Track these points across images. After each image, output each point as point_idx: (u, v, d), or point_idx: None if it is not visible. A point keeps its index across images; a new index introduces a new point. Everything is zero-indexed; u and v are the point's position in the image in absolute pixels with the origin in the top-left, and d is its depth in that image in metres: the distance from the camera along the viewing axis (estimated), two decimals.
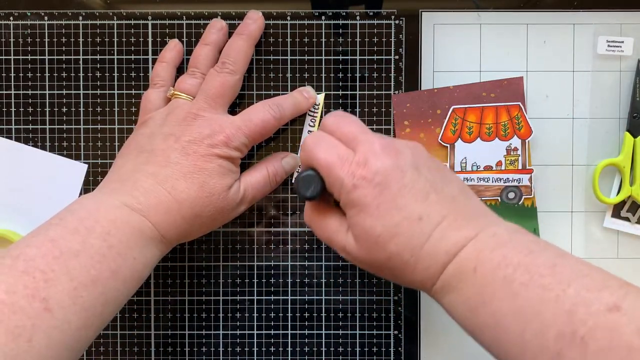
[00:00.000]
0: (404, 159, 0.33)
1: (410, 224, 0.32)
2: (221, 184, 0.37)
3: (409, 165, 0.33)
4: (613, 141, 0.43)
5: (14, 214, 0.43)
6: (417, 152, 0.34)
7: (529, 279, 0.29)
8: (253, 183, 0.40)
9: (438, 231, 0.32)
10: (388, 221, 0.32)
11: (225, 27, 0.42)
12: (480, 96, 0.43)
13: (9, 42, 0.43)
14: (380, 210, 0.32)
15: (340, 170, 0.33)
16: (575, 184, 0.44)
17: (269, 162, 0.41)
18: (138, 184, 0.35)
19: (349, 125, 0.35)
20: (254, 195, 0.40)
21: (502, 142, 0.43)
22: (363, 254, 0.33)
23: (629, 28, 0.43)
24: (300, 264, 0.44)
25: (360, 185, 0.32)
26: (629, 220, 0.43)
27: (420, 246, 0.32)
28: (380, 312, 0.44)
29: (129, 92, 0.43)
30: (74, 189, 0.43)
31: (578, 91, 0.43)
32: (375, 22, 0.43)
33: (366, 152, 0.33)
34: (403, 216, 0.32)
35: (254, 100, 0.43)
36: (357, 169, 0.32)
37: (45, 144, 0.43)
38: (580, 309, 0.27)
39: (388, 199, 0.32)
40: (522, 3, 0.43)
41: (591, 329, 0.26)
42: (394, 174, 0.32)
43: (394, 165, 0.32)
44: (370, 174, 0.32)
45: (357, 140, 0.33)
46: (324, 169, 0.34)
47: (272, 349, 0.44)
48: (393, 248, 0.32)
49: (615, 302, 0.26)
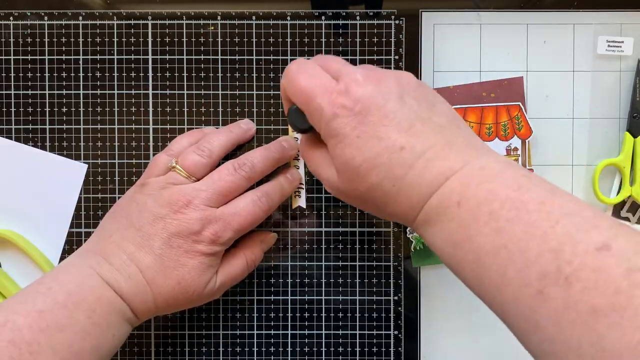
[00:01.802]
0: (387, 86, 0.31)
1: (391, 154, 0.30)
2: (199, 281, 0.37)
3: (392, 93, 0.31)
4: (613, 141, 0.43)
5: (14, 214, 0.43)
6: (403, 80, 0.32)
7: (515, 215, 0.27)
8: (231, 274, 0.39)
9: (422, 161, 0.30)
10: (368, 151, 0.31)
11: (254, 131, 0.42)
12: (480, 96, 0.43)
13: (9, 42, 0.43)
14: (361, 140, 0.31)
15: (320, 99, 0.32)
16: (575, 184, 0.44)
17: (247, 248, 0.41)
18: (123, 267, 0.35)
19: (334, 60, 0.34)
20: (229, 284, 0.40)
21: (502, 142, 0.43)
22: (345, 185, 0.33)
23: (629, 28, 0.43)
24: (300, 264, 0.44)
25: (340, 114, 0.31)
26: (629, 220, 0.43)
27: (402, 176, 0.30)
28: (380, 312, 0.44)
29: (129, 92, 0.43)
30: (74, 189, 0.43)
31: (578, 91, 0.43)
32: (375, 22, 0.43)
33: (348, 81, 0.32)
34: (384, 146, 0.30)
35: (253, 100, 0.43)
36: (337, 97, 0.31)
37: (45, 144, 0.43)
38: (566, 247, 0.25)
39: (368, 129, 0.31)
40: (522, 3, 0.43)
41: (576, 269, 0.25)
42: (375, 102, 0.31)
43: (375, 92, 0.31)
44: (350, 102, 0.31)
45: (340, 72, 0.33)
46: (304, 97, 0.33)
47: (272, 349, 0.44)
48: (374, 178, 0.31)
49: (605, 241, 0.25)
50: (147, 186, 0.38)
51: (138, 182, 0.39)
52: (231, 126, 0.42)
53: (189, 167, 0.38)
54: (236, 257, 0.40)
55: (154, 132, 0.43)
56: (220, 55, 0.43)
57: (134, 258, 0.36)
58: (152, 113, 0.43)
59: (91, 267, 0.35)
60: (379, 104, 0.31)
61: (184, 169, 0.38)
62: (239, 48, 0.43)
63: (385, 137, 0.30)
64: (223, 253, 0.38)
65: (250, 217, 0.38)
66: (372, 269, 0.44)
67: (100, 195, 0.43)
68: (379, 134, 0.31)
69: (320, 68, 0.34)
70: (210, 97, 0.43)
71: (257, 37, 0.43)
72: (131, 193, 0.39)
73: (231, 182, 0.37)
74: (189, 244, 0.36)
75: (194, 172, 0.38)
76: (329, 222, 0.44)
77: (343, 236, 0.44)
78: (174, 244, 0.36)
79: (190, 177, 0.38)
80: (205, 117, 0.43)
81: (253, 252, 0.41)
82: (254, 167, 0.38)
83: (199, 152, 0.38)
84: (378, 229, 0.44)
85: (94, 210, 0.43)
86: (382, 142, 0.31)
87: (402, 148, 0.30)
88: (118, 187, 0.43)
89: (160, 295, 0.36)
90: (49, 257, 0.43)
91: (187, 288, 0.36)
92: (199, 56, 0.43)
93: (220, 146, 0.39)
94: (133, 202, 0.38)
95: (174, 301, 0.37)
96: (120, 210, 0.38)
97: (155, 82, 0.43)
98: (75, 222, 0.43)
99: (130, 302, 0.35)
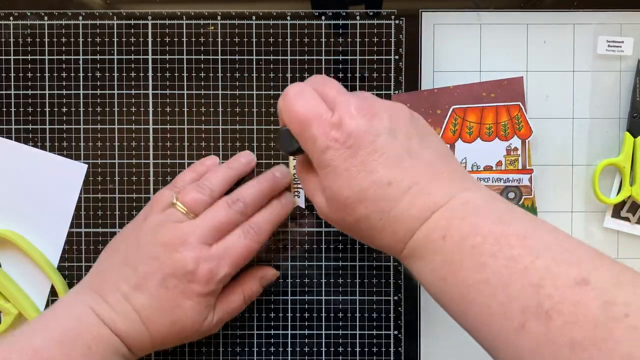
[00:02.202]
0: (379, 121, 0.32)
1: (378, 188, 0.31)
2: (195, 321, 0.37)
3: (384, 128, 0.32)
4: (613, 141, 0.43)
5: (14, 214, 0.43)
6: (396, 115, 0.33)
7: (497, 249, 0.28)
8: (228, 310, 0.39)
9: (408, 196, 0.31)
10: (356, 185, 0.31)
11: (254, 163, 0.42)
12: (480, 96, 0.43)
13: (9, 42, 0.43)
14: (350, 173, 0.31)
15: (315, 129, 0.32)
16: (575, 184, 0.44)
17: (245, 283, 0.41)
18: (118, 306, 0.36)
19: (331, 87, 0.34)
20: (226, 319, 0.40)
21: (502, 142, 0.43)
22: (334, 215, 0.33)
23: (629, 28, 0.43)
24: (300, 264, 0.44)
25: (332, 147, 0.31)
26: (629, 220, 0.43)
27: (389, 210, 0.31)
28: (380, 312, 0.44)
29: (129, 92, 0.43)
30: (74, 189, 0.43)
31: (578, 91, 0.43)
32: (375, 22, 0.43)
33: (342, 113, 0.32)
34: (372, 180, 0.31)
35: (253, 100, 0.43)
36: (330, 130, 0.32)
37: (45, 144, 0.43)
38: (547, 282, 0.26)
39: (357, 162, 0.31)
40: (522, 3, 0.43)
41: (557, 303, 0.25)
42: (366, 137, 0.31)
43: (367, 127, 0.31)
44: (342, 136, 0.31)
45: (336, 101, 0.33)
46: (299, 124, 0.33)
47: (272, 349, 0.44)
48: (362, 211, 0.31)
49: (584, 276, 0.26)
50: (145, 223, 0.38)
51: (139, 217, 0.39)
52: (231, 162, 0.42)
53: (189, 204, 0.38)
54: (234, 292, 0.40)
55: (154, 132, 0.43)
56: (220, 55, 0.43)
57: (129, 297, 0.36)
58: (152, 113, 0.43)
59: (88, 304, 0.36)
60: (370, 139, 0.31)
61: (184, 206, 0.38)
62: (239, 48, 0.43)
63: (374, 171, 0.31)
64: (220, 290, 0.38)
65: (245, 251, 0.38)
66: (372, 269, 0.44)
67: (100, 195, 0.43)
68: (368, 168, 0.31)
69: (317, 95, 0.34)
70: (210, 97, 0.43)
71: (257, 37, 0.43)
72: (130, 229, 0.39)
73: (225, 218, 0.38)
74: (184, 284, 0.36)
75: (194, 209, 0.38)
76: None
77: (343, 236, 0.44)
78: (170, 284, 0.36)
79: (189, 214, 0.38)
80: (205, 117, 0.43)
81: (251, 288, 0.41)
82: (246, 202, 0.38)
83: (200, 189, 0.39)
84: None
85: (94, 210, 0.43)
86: (370, 176, 0.31)
87: (390, 183, 0.31)
88: (118, 187, 0.43)
89: (156, 334, 0.36)
90: (49, 257, 0.43)
91: (184, 327, 0.37)
92: (199, 56, 0.43)
93: (220, 183, 0.40)
94: (130, 239, 0.38)
95: (171, 339, 0.37)
96: (117, 247, 0.38)
97: (155, 82, 0.43)
98: (75, 222, 0.43)
99: (126, 340, 0.36)
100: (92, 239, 0.43)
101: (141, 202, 0.43)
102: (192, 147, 0.43)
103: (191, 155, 0.43)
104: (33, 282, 0.43)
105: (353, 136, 0.31)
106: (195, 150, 0.43)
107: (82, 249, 0.43)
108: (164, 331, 0.36)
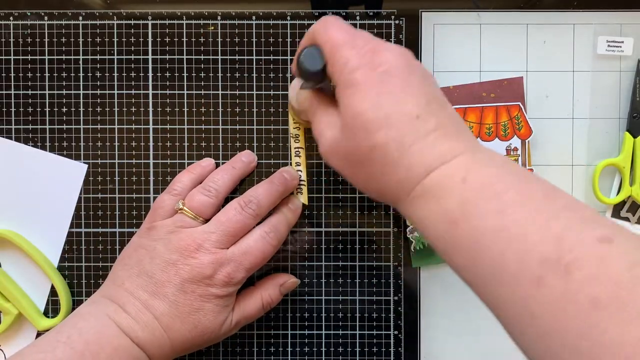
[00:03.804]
0: (415, 66, 0.32)
1: (404, 119, 0.30)
2: (214, 323, 0.37)
3: (418, 71, 0.31)
4: (613, 141, 0.43)
5: (14, 214, 0.43)
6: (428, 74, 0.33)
7: (519, 199, 0.27)
8: (246, 314, 0.39)
9: (432, 136, 0.30)
10: (383, 109, 0.30)
11: (255, 162, 0.42)
12: (480, 96, 0.43)
13: (9, 42, 0.43)
14: (378, 97, 0.30)
15: (349, 51, 0.31)
16: (575, 184, 0.44)
17: (264, 288, 0.41)
18: (138, 315, 0.36)
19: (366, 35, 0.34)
20: (243, 323, 0.40)
21: (502, 142, 0.43)
22: (346, 143, 0.31)
23: (629, 28, 0.43)
24: (300, 264, 0.44)
25: (364, 67, 0.30)
26: (629, 220, 0.43)
27: (410, 144, 0.30)
28: (380, 312, 0.44)
29: (129, 92, 0.43)
30: (74, 189, 0.43)
31: (578, 91, 0.43)
32: (375, 22, 0.43)
33: (379, 44, 0.31)
34: (400, 110, 0.30)
35: (253, 100, 0.43)
36: (366, 53, 0.31)
37: (45, 144, 0.43)
38: (570, 235, 0.25)
39: (388, 90, 0.30)
40: (522, 3, 0.43)
41: (577, 258, 0.24)
42: (402, 71, 0.31)
43: (404, 62, 0.31)
44: (377, 60, 0.31)
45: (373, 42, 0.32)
46: (331, 45, 0.32)
47: (272, 349, 0.44)
48: (381, 138, 0.30)
49: (608, 235, 0.25)
50: (154, 230, 0.38)
51: (144, 226, 0.39)
52: (233, 162, 0.42)
53: (197, 208, 0.38)
54: (253, 297, 0.40)
55: (154, 132, 0.43)
56: (220, 55, 0.43)
57: (148, 305, 0.36)
58: (152, 113, 0.43)
59: (108, 315, 0.35)
60: (404, 74, 0.31)
61: (192, 210, 0.38)
62: (239, 48, 0.43)
63: (403, 102, 0.30)
64: (238, 290, 0.38)
65: (261, 254, 0.38)
66: (372, 270, 0.44)
67: (100, 195, 0.43)
68: (398, 97, 0.30)
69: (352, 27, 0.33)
70: (210, 97, 0.43)
71: (257, 37, 0.43)
72: (138, 238, 0.39)
73: (239, 221, 0.37)
74: (202, 288, 0.36)
75: (202, 213, 0.38)
76: (329, 222, 0.44)
77: (343, 236, 0.44)
78: (188, 289, 0.36)
79: (197, 218, 0.38)
80: (205, 117, 0.43)
81: (270, 294, 0.41)
82: (259, 204, 0.38)
83: (205, 192, 0.39)
84: (378, 229, 0.44)
85: (94, 210, 0.43)
86: (398, 106, 0.30)
87: (418, 117, 0.30)
88: (118, 187, 0.43)
89: (177, 340, 0.36)
90: (49, 257, 0.43)
91: (204, 331, 0.37)
92: (199, 56, 0.43)
93: (226, 184, 0.40)
94: (142, 248, 0.38)
95: (191, 344, 0.37)
96: (129, 257, 0.38)
97: (155, 82, 0.43)
98: (75, 222, 0.43)
99: (147, 349, 0.36)
100: (92, 239, 0.43)
101: (141, 202, 0.43)
102: (192, 147, 0.43)
103: (191, 155, 0.43)
104: (33, 282, 0.43)
105: (389, 64, 0.31)
106: (195, 151, 0.43)
107: (82, 249, 0.43)
108: (185, 336, 0.36)
